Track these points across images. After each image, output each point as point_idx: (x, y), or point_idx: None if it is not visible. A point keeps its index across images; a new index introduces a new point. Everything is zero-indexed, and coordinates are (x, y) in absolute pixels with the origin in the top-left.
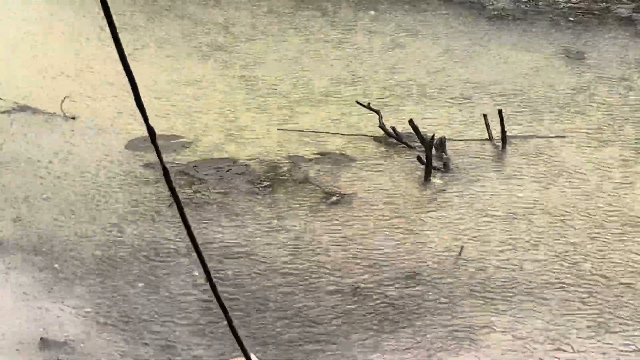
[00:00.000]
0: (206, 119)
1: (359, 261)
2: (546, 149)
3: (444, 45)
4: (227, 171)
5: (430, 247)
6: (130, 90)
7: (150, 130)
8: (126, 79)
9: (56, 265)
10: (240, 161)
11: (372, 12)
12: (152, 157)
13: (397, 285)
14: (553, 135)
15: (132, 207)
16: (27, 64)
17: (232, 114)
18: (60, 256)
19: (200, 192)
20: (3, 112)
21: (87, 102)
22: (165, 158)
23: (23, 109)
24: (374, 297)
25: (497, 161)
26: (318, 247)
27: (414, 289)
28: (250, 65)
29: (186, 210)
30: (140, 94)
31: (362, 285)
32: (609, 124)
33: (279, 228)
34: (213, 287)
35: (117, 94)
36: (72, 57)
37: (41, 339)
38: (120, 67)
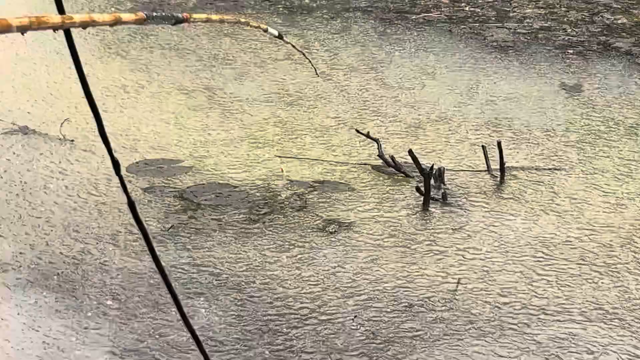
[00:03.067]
0: (206, 146)
1: (357, 291)
2: (544, 181)
3: (443, 77)
4: (226, 197)
5: (428, 279)
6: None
7: (115, 162)
8: (126, 106)
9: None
10: (239, 187)
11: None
12: (153, 180)
13: (393, 317)
14: (551, 167)
15: (125, 231)
16: (28, 86)
17: (231, 141)
18: (50, 277)
19: (195, 217)
20: (3, 133)
21: (85, 125)
22: (164, 182)
23: (23, 130)
24: (370, 329)
25: (496, 193)
26: (314, 277)
27: (409, 321)
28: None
29: (181, 236)
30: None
31: (358, 316)
32: (607, 157)
33: (275, 257)
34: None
35: (123, 114)
36: (74, 81)
37: None
38: (122, 94)
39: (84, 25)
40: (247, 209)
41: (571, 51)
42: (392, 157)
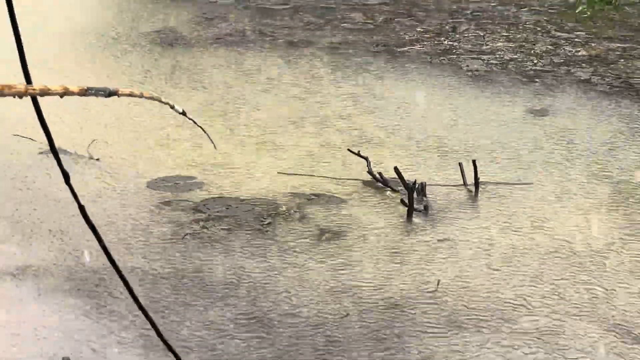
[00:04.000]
0: (217, 165)
1: (348, 291)
2: (513, 194)
3: (421, 101)
4: (236, 208)
5: (412, 280)
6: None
7: (65, 173)
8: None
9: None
10: (247, 201)
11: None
12: (170, 195)
13: (380, 314)
14: (520, 183)
15: (143, 240)
16: (60, 111)
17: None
18: (83, 284)
19: (207, 227)
20: (39, 154)
21: (111, 145)
22: (179, 196)
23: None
24: (361, 323)
25: (471, 205)
26: (313, 278)
27: (394, 317)
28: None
29: (193, 244)
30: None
31: (350, 313)
32: (569, 175)
33: (278, 261)
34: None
35: (140, 140)
36: (100, 104)
37: None
38: (143, 117)
39: (43, 93)
40: (253, 219)
41: (537, 80)
42: (380, 174)
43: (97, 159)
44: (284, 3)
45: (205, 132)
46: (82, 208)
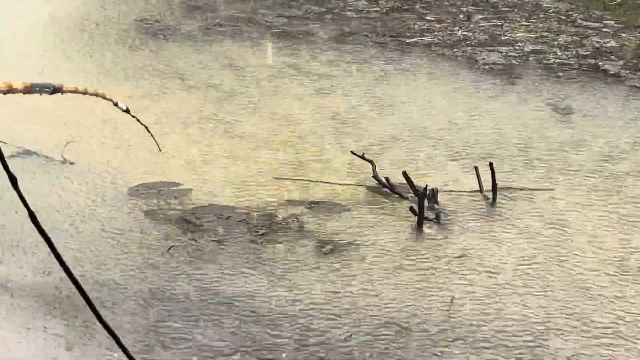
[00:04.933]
0: (207, 168)
1: (350, 311)
2: (536, 201)
3: (432, 99)
4: (227, 218)
5: (422, 298)
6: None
7: (12, 177)
8: (128, 127)
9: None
10: (239, 209)
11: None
12: (156, 204)
13: (386, 337)
14: (541, 188)
15: (123, 252)
16: (32, 110)
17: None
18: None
19: (195, 239)
20: (10, 157)
21: (86, 148)
22: (167, 205)
23: (28, 153)
24: (363, 348)
25: (488, 213)
26: (311, 296)
27: (402, 342)
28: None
29: (183, 257)
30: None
31: (354, 335)
32: (596, 179)
33: (273, 277)
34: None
35: (119, 142)
36: (75, 104)
37: None
38: (123, 117)
39: None
40: (246, 230)
41: (561, 74)
42: (387, 178)
43: (72, 163)
44: None
45: (149, 132)
46: (32, 215)
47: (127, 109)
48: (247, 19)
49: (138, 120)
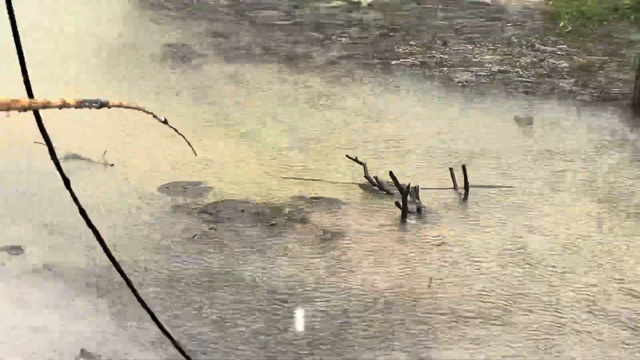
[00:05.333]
0: (226, 170)
1: (349, 287)
2: (500, 197)
3: (414, 111)
4: (242, 211)
5: (406, 277)
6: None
7: (65, 179)
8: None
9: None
10: (252, 203)
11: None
12: (182, 200)
13: (376, 307)
14: (505, 185)
15: (156, 240)
16: (78, 119)
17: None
18: (91, 277)
19: (215, 229)
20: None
21: (123, 153)
22: (191, 200)
23: (74, 157)
24: (360, 318)
25: (461, 207)
26: (312, 276)
27: (390, 312)
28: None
29: (204, 244)
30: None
31: (350, 308)
32: (551, 178)
33: (281, 261)
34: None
35: (151, 147)
36: (113, 116)
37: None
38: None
39: (44, 106)
40: (258, 221)
41: (523, 90)
42: (376, 178)
43: (112, 165)
44: (285, 19)
45: (186, 140)
46: (82, 212)
47: (165, 120)
48: (258, 44)
49: (176, 130)
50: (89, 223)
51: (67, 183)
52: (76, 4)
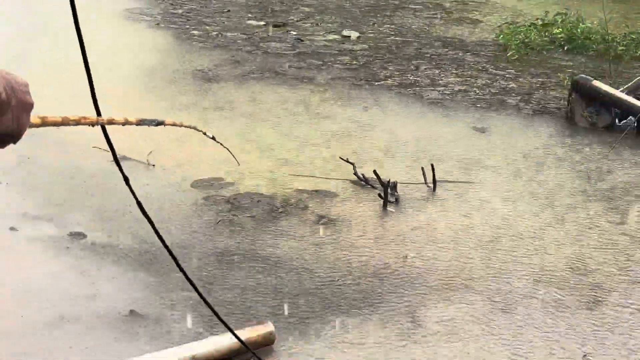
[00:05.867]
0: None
1: (341, 260)
2: (463, 190)
3: (393, 122)
4: (257, 201)
5: (387, 253)
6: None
7: (125, 177)
8: (192, 140)
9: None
10: (265, 194)
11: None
12: (210, 193)
13: (365, 278)
14: (465, 181)
15: (189, 227)
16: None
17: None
18: (143, 254)
19: (236, 215)
20: (110, 161)
21: (165, 154)
22: (212, 194)
23: (124, 158)
24: (351, 286)
25: (431, 197)
26: (312, 251)
27: (374, 281)
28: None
29: (226, 226)
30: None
31: (341, 279)
32: (502, 175)
33: (288, 237)
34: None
35: (186, 150)
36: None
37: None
38: (189, 133)
39: (109, 123)
40: (269, 209)
41: (479, 105)
42: (363, 175)
43: (153, 165)
44: (291, 49)
45: (230, 152)
46: (139, 204)
47: (213, 137)
48: (269, 69)
49: (222, 145)
50: (145, 213)
51: (126, 180)
52: (126, 36)
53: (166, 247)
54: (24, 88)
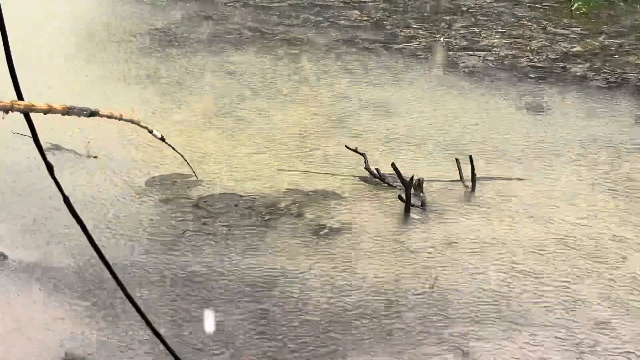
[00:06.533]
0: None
1: (345, 287)
2: (509, 189)
3: (417, 98)
4: (235, 205)
5: (408, 276)
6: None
7: (49, 166)
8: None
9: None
10: (246, 197)
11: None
12: (171, 194)
13: (377, 312)
14: (515, 177)
15: (145, 236)
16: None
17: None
18: (69, 275)
19: (207, 224)
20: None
21: (110, 142)
22: (175, 195)
23: (57, 148)
24: (356, 322)
25: (468, 200)
26: (309, 275)
27: (392, 316)
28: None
29: (196, 241)
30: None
31: (347, 311)
32: (566, 170)
33: (276, 254)
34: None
35: (136, 140)
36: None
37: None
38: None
39: (27, 110)
40: (251, 216)
41: (533, 75)
42: (377, 169)
43: (95, 157)
44: (280, 0)
45: (184, 159)
46: (67, 199)
47: (162, 137)
48: (250, 27)
49: (173, 148)
50: (74, 213)
51: (50, 169)
52: None
53: (107, 265)
54: None
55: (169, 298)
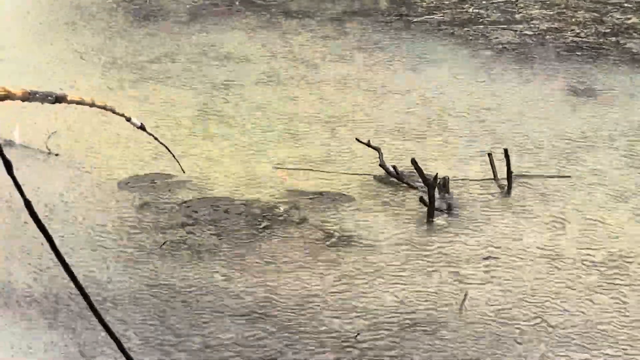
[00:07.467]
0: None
1: (362, 306)
2: (553, 189)
3: (442, 81)
4: (225, 211)
5: (432, 295)
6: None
7: (7, 162)
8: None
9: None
10: (238, 200)
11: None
12: (149, 197)
13: (394, 337)
14: (558, 175)
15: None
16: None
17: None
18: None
19: (193, 233)
20: None
21: (75, 136)
22: (153, 199)
23: (10, 144)
24: (372, 349)
25: (503, 202)
26: (315, 295)
27: (412, 340)
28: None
29: (179, 253)
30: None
31: (360, 336)
32: (623, 166)
33: (275, 269)
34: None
35: (106, 134)
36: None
37: None
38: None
39: None
40: (245, 223)
41: (580, 53)
42: (394, 167)
43: (57, 154)
44: None
45: (169, 150)
46: (28, 203)
47: (142, 125)
48: None
49: (156, 138)
50: (36, 219)
51: (8, 166)
52: None
53: (77, 283)
54: None
55: (144, 320)
